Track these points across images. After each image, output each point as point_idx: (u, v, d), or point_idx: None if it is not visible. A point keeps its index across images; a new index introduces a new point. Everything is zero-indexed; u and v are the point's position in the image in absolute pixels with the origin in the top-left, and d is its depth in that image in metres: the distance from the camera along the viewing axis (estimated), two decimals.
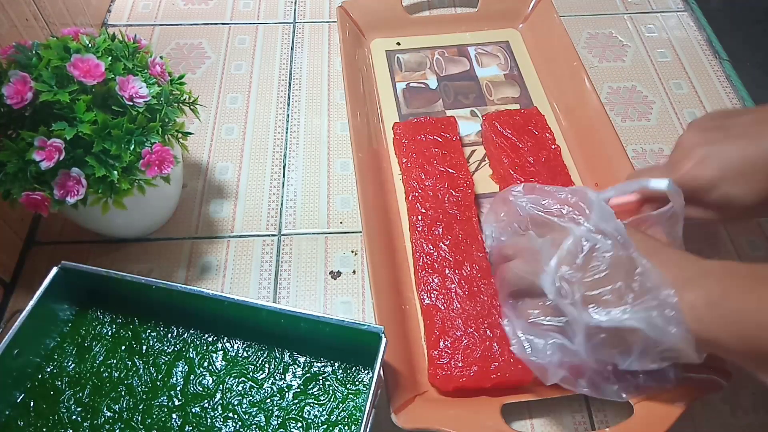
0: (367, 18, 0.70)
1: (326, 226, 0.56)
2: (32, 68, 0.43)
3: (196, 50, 0.70)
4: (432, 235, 0.51)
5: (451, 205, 0.53)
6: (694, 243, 0.55)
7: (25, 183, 0.41)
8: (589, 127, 0.60)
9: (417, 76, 0.67)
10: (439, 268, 0.49)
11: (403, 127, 0.59)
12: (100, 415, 0.41)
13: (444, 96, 0.65)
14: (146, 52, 0.48)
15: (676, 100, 0.67)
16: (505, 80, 0.67)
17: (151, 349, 0.44)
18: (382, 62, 0.68)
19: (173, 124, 0.47)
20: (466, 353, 0.45)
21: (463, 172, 0.55)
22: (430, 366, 0.45)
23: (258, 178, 0.59)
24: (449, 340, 0.45)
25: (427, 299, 0.48)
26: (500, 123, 0.58)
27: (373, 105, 0.64)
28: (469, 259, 0.50)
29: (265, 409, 0.41)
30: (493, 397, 0.44)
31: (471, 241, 0.51)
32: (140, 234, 0.55)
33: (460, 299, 0.47)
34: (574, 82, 0.63)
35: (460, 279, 0.48)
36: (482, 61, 0.69)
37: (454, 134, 0.58)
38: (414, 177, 0.55)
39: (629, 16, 0.76)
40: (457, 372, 0.44)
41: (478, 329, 0.46)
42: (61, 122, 0.41)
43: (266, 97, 0.66)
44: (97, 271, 0.43)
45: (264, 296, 0.52)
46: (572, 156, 0.60)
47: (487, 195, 0.57)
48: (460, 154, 0.57)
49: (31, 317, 0.41)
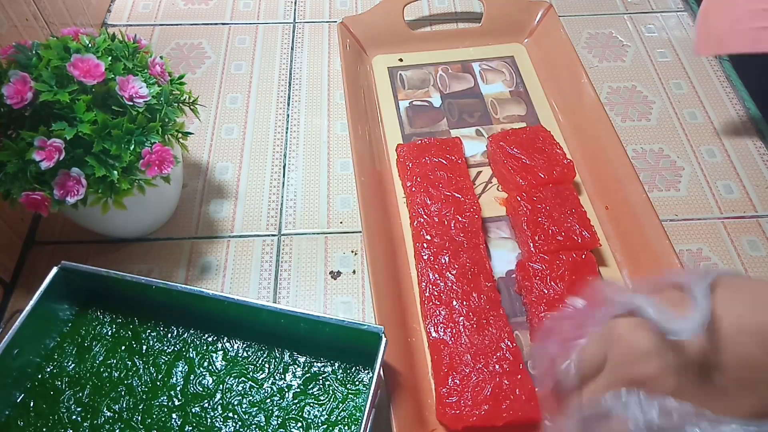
0: (369, 34, 0.68)
1: (326, 226, 0.56)
2: (32, 68, 0.43)
3: (196, 50, 0.70)
4: (438, 264, 0.50)
5: (457, 231, 0.52)
6: (694, 243, 0.56)
7: (25, 183, 0.41)
8: (599, 147, 0.58)
9: (420, 93, 0.66)
10: (446, 300, 0.48)
11: (407, 149, 0.57)
12: (100, 415, 0.41)
13: (448, 114, 0.64)
14: (146, 52, 0.48)
15: (676, 100, 0.67)
16: (510, 97, 0.66)
17: (151, 349, 0.44)
18: (384, 79, 0.67)
19: (173, 124, 0.47)
20: (476, 391, 0.43)
21: (470, 197, 0.54)
22: (439, 404, 0.44)
23: (258, 178, 0.59)
24: (458, 377, 0.44)
25: (434, 333, 0.47)
26: (507, 143, 0.57)
27: (376, 124, 0.63)
28: (476, 289, 0.48)
29: (265, 409, 0.41)
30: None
31: (478, 270, 0.50)
32: (140, 234, 0.55)
33: (468, 332, 0.46)
34: (582, 100, 0.62)
35: (467, 311, 0.47)
36: (487, 77, 0.68)
37: (460, 156, 0.57)
38: (419, 202, 0.54)
39: (629, 16, 0.76)
40: (467, 411, 0.43)
41: (487, 365, 0.45)
42: (61, 122, 0.41)
43: (266, 97, 0.66)
44: (97, 271, 0.43)
45: (264, 296, 0.52)
46: (580, 175, 0.58)
47: (494, 219, 0.56)
48: (466, 177, 0.56)
49: (31, 317, 0.41)
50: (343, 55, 0.65)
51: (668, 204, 0.58)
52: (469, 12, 0.75)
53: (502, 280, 0.52)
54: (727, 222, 0.57)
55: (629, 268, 0.52)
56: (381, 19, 0.69)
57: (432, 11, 0.75)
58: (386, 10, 0.69)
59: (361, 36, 0.68)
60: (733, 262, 0.54)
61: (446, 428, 0.44)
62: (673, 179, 0.60)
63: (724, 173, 0.60)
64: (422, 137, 0.60)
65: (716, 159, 0.62)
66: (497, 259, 0.53)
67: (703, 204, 0.58)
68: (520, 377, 0.44)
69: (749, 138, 0.63)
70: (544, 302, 0.48)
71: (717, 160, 0.61)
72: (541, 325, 0.47)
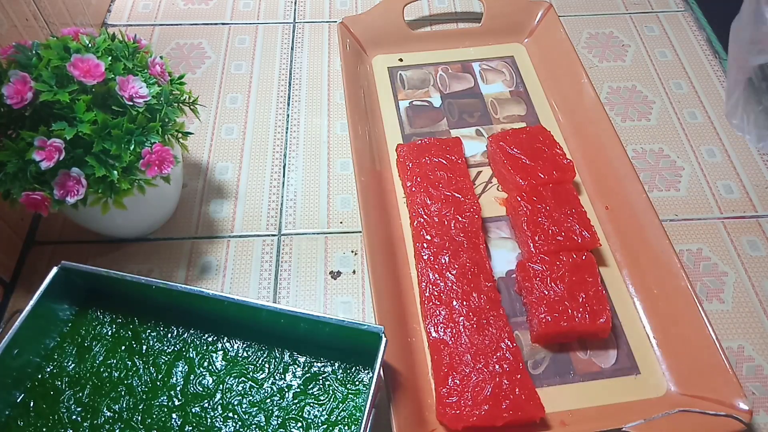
0: (369, 34, 0.68)
1: (326, 226, 0.56)
2: (32, 68, 0.43)
3: (196, 50, 0.70)
4: (438, 264, 0.50)
5: (457, 231, 0.52)
6: (694, 243, 0.56)
7: (25, 183, 0.41)
8: (599, 147, 0.58)
9: (420, 93, 0.66)
10: (446, 300, 0.48)
11: (407, 149, 0.57)
12: (100, 415, 0.41)
13: (448, 114, 0.64)
14: (146, 52, 0.48)
15: (676, 99, 0.67)
16: (510, 97, 0.66)
17: (151, 349, 0.44)
18: (384, 79, 0.67)
19: (173, 124, 0.47)
20: (476, 391, 0.43)
21: (470, 197, 0.54)
22: (439, 404, 0.44)
23: (258, 178, 0.59)
24: (458, 377, 0.44)
25: (434, 333, 0.47)
26: (507, 143, 0.57)
27: (376, 124, 0.62)
28: (476, 289, 0.49)
29: (265, 409, 0.41)
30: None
31: (478, 270, 0.50)
32: (140, 234, 0.55)
33: (468, 332, 0.46)
34: (582, 100, 0.61)
35: (467, 311, 0.47)
36: (487, 77, 0.67)
37: (460, 156, 0.57)
38: (419, 202, 0.54)
39: (629, 16, 0.76)
40: (467, 411, 0.43)
41: (487, 365, 0.45)
42: (61, 122, 0.41)
43: (266, 97, 0.66)
44: (97, 271, 0.43)
45: (264, 296, 0.52)
46: (580, 175, 0.58)
47: (494, 219, 0.56)
48: (466, 177, 0.56)
49: (31, 317, 0.41)
50: (343, 55, 0.65)
51: (668, 204, 0.58)
52: (469, 12, 0.75)
53: (502, 280, 0.52)
54: (727, 222, 0.57)
55: (629, 268, 0.52)
56: (381, 19, 0.69)
57: (432, 11, 0.75)
58: (386, 10, 0.69)
59: (361, 36, 0.68)
60: (733, 262, 0.54)
61: (446, 428, 0.44)
62: (673, 179, 0.60)
63: (724, 173, 0.60)
64: (422, 137, 0.60)
65: (716, 159, 0.62)
66: (497, 259, 0.53)
67: (703, 204, 0.58)
68: (520, 377, 0.44)
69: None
70: (544, 303, 0.48)
71: (717, 160, 0.61)
72: (541, 326, 0.47)
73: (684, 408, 0.43)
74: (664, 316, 0.49)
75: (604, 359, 0.48)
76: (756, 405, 0.47)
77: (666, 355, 0.48)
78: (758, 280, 0.53)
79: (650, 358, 0.48)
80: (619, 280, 0.52)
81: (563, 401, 0.46)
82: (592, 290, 0.48)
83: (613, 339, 0.49)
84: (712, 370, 0.45)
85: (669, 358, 0.48)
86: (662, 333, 0.49)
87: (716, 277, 0.54)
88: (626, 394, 0.46)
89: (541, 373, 0.47)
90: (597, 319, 0.47)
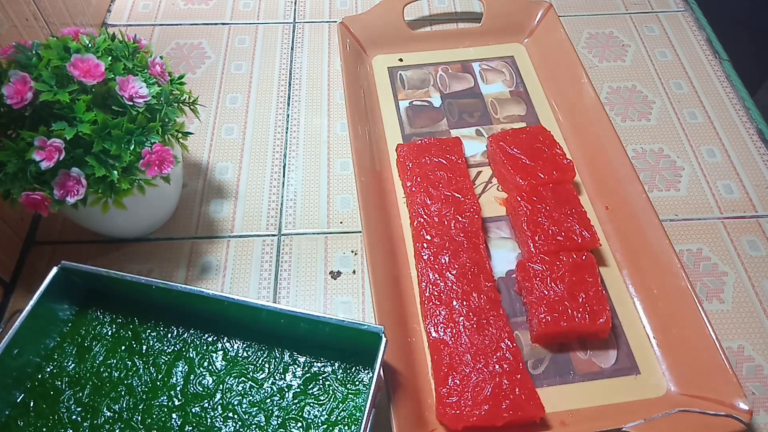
0: (369, 34, 0.68)
1: (326, 226, 0.56)
2: (32, 68, 0.43)
3: (196, 50, 0.70)
4: (438, 264, 0.50)
5: (457, 231, 0.52)
6: (694, 243, 0.56)
7: (25, 183, 0.41)
8: (599, 147, 0.58)
9: (420, 93, 0.66)
10: (446, 300, 0.48)
11: (407, 149, 0.57)
12: (100, 415, 0.41)
13: (448, 114, 0.64)
14: (146, 52, 0.48)
15: (676, 99, 0.67)
16: (510, 97, 0.66)
17: (151, 349, 0.44)
18: (384, 79, 0.67)
19: (173, 124, 0.47)
20: (476, 391, 0.43)
21: (470, 197, 0.54)
22: (439, 404, 0.44)
23: (258, 178, 0.59)
24: (458, 377, 0.44)
25: (434, 333, 0.47)
26: (507, 143, 0.57)
27: (375, 124, 0.62)
28: (476, 289, 0.49)
29: (265, 409, 0.41)
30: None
31: (478, 270, 0.50)
32: (140, 234, 0.55)
33: (468, 332, 0.46)
34: (582, 100, 0.61)
35: (467, 311, 0.47)
36: (487, 77, 0.67)
37: (460, 156, 0.57)
38: (419, 202, 0.54)
39: (629, 16, 0.76)
40: (467, 411, 0.42)
41: (487, 365, 0.45)
42: (61, 122, 0.41)
43: (266, 97, 0.66)
44: (97, 271, 0.43)
45: (264, 296, 0.52)
46: (580, 175, 0.58)
47: (494, 219, 0.56)
48: (466, 177, 0.56)
49: (31, 317, 0.41)
50: (343, 55, 0.65)
51: (668, 204, 0.58)
52: (469, 12, 0.75)
53: (502, 280, 0.52)
54: (727, 222, 0.57)
55: (629, 268, 0.52)
56: (381, 19, 0.69)
57: (432, 11, 0.75)
58: (386, 10, 0.69)
59: (361, 36, 0.68)
60: (733, 262, 0.54)
61: (446, 428, 0.44)
62: (673, 179, 0.60)
63: (724, 173, 0.60)
64: (422, 137, 0.60)
65: (716, 159, 0.62)
66: (497, 259, 0.53)
67: (703, 204, 0.58)
68: (520, 377, 0.44)
69: (749, 138, 0.63)
70: (544, 303, 0.48)
71: (717, 160, 0.61)
72: (541, 326, 0.47)
73: (684, 408, 0.43)
74: (664, 316, 0.49)
75: (604, 359, 0.48)
76: (756, 405, 0.47)
77: (666, 355, 0.48)
78: (758, 280, 0.53)
79: (650, 358, 0.48)
80: (619, 280, 0.52)
81: (563, 401, 0.46)
82: (592, 290, 0.48)
83: (613, 339, 0.49)
84: (712, 370, 0.45)
85: (669, 358, 0.48)
86: (662, 333, 0.49)
87: (716, 277, 0.54)
88: (626, 394, 0.46)
89: (541, 373, 0.47)
90: (597, 319, 0.47)
